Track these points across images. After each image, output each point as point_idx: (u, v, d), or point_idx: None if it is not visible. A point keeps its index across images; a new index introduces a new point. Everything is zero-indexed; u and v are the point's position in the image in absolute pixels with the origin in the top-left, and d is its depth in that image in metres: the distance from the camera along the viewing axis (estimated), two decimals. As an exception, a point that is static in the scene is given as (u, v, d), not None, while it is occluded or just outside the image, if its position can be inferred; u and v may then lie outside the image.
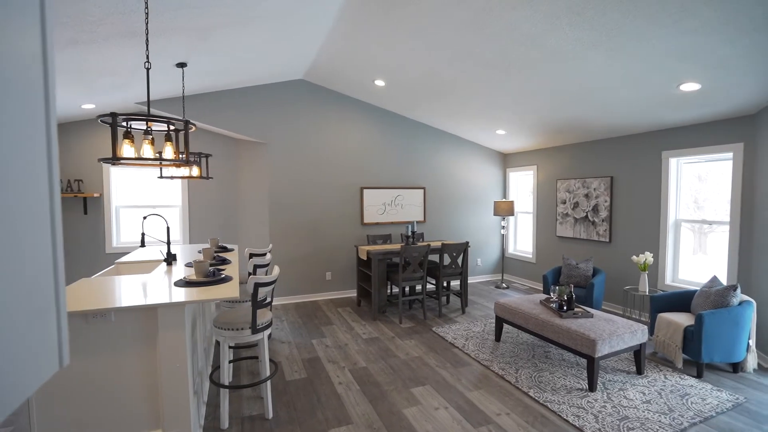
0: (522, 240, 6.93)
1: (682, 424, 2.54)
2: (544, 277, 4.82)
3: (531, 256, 6.51)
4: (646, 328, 3.22)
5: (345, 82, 5.21)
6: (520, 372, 3.29)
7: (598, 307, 4.48)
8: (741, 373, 3.28)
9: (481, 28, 3.07)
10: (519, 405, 2.82)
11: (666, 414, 2.65)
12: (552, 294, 3.70)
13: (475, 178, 6.79)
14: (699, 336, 3.16)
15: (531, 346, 3.84)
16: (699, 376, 3.20)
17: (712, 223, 4.17)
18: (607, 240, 5.10)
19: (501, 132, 5.83)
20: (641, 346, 3.20)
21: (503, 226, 6.58)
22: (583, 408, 2.73)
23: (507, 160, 7.03)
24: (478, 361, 3.54)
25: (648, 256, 4.22)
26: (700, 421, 2.58)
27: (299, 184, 5.52)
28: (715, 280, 3.56)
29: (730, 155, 3.88)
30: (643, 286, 4.26)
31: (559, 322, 3.24)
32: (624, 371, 3.30)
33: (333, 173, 5.72)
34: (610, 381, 3.13)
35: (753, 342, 3.33)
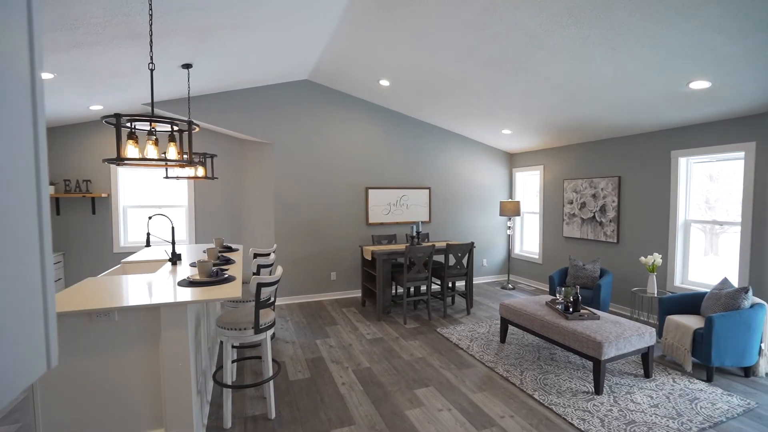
0: (528, 240, 6.87)
1: (690, 429, 2.49)
2: (551, 278, 4.77)
3: (537, 256, 6.45)
4: (654, 330, 3.16)
5: (349, 83, 5.21)
6: (525, 374, 3.25)
7: (605, 309, 4.42)
8: (753, 378, 3.21)
9: (484, 28, 3.05)
10: (523, 407, 2.78)
11: (674, 419, 2.60)
12: (558, 295, 3.66)
13: (481, 178, 6.74)
14: (709, 339, 3.09)
15: (536, 348, 3.80)
16: (709, 380, 3.14)
17: (723, 223, 4.09)
18: (614, 241, 5.03)
19: (507, 132, 5.78)
20: (649, 348, 3.15)
21: (509, 227, 6.52)
22: (589, 411, 2.69)
23: (513, 160, 6.98)
24: (483, 363, 3.51)
25: (657, 258, 4.15)
26: (710, 427, 2.52)
27: (304, 184, 5.53)
28: (725, 281, 3.49)
29: (742, 154, 3.80)
30: (652, 288, 4.19)
31: (564, 324, 3.20)
32: (631, 374, 3.25)
33: (338, 173, 5.72)
34: (617, 384, 3.08)
35: (765, 346, 3.25)
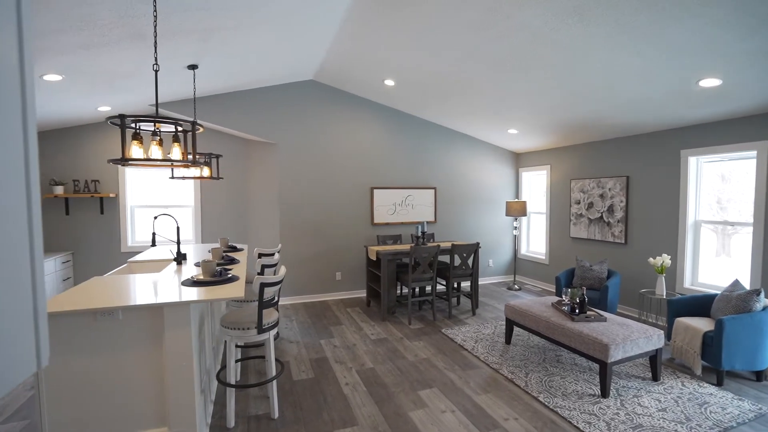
0: (535, 241, 6.81)
1: (699, 433, 2.44)
2: (557, 279, 4.72)
3: (544, 257, 6.39)
4: (663, 333, 3.11)
5: (354, 82, 5.21)
6: (530, 376, 3.22)
7: (613, 311, 4.36)
8: (765, 382, 3.14)
9: (489, 27, 3.02)
10: (528, 410, 2.75)
11: (683, 423, 2.55)
12: (564, 296, 3.61)
13: (487, 177, 6.70)
14: (719, 342, 3.03)
15: (542, 350, 3.76)
16: (719, 384, 3.08)
17: (735, 224, 4.01)
18: (622, 241, 4.96)
19: (513, 131, 5.73)
20: (657, 351, 3.10)
21: (515, 227, 6.47)
22: (595, 414, 2.65)
23: (519, 160, 6.92)
24: (487, 364, 3.48)
25: (665, 258, 4.08)
26: None
27: (309, 184, 5.54)
28: (737, 283, 3.42)
29: (754, 153, 3.72)
30: (660, 290, 4.12)
31: (570, 326, 3.16)
32: (639, 377, 3.20)
33: (343, 173, 5.73)
34: (623, 387, 3.03)
35: (777, 349, 3.18)
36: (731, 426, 2.52)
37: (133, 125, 2.27)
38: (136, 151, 2.26)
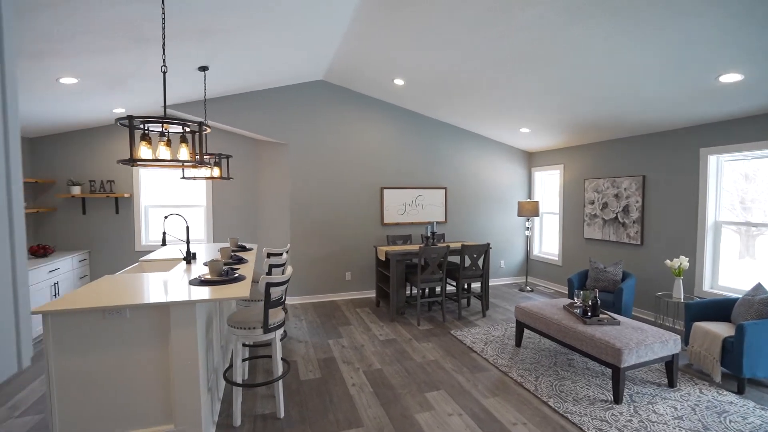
0: (547, 242, 6.69)
1: (717, 443, 2.34)
2: (569, 281, 4.62)
3: (557, 258, 6.27)
4: (680, 337, 3.00)
5: (364, 82, 5.20)
6: (540, 380, 3.15)
7: (628, 314, 4.24)
8: (788, 390, 3.01)
9: (497, 24, 2.96)
10: (537, 415, 2.69)
11: (700, 432, 2.46)
12: (576, 299, 3.53)
13: (499, 177, 6.61)
14: (740, 348, 2.91)
15: (553, 353, 3.68)
16: (740, 392, 2.95)
17: (758, 225, 3.85)
18: (638, 243, 4.82)
19: (525, 130, 5.64)
20: (673, 357, 2.99)
21: (528, 227, 6.36)
22: (607, 421, 2.57)
23: (532, 159, 6.80)
24: (497, 367, 3.42)
25: (683, 261, 3.94)
26: (739, 442, 2.37)
27: (319, 184, 5.55)
28: (759, 287, 3.28)
29: (778, 152, 3.56)
30: (678, 293, 3.99)
31: (582, 329, 3.08)
32: (654, 383, 3.10)
33: (353, 173, 5.72)
34: (638, 393, 2.94)
35: (803, 356, 3.04)
36: (752, 436, 2.42)
37: (141, 126, 2.30)
38: (144, 151, 2.29)
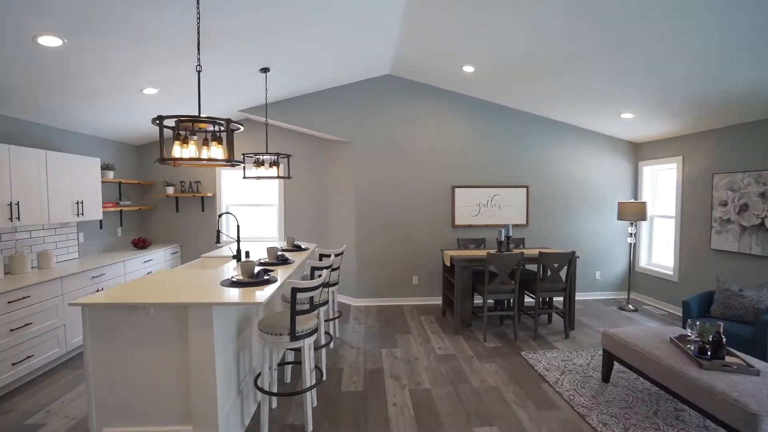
0: (658, 251, 5.47)
1: None
2: (685, 304, 3.62)
3: (671, 272, 5.07)
4: None
5: (431, 72, 4.82)
6: (630, 432, 2.45)
7: (776, 355, 3.14)
8: None
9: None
10: (619, 482, 2.06)
11: None
12: (689, 330, 2.69)
13: (595, 173, 5.62)
14: None
15: (654, 398, 2.87)
16: None
17: None
18: (796, 258, 3.57)
19: (628, 115, 4.65)
20: None
21: (631, 234, 5.28)
22: None
23: (639, 151, 5.64)
24: (572, 406, 2.78)
25: None
26: None
27: (385, 182, 5.34)
28: None
29: None
30: None
31: (696, 375, 2.29)
32: (815, 463, 2.16)
33: (421, 171, 5.39)
34: (784, 474, 2.07)
35: None
36: None
37: (174, 126, 2.32)
38: (178, 150, 2.30)
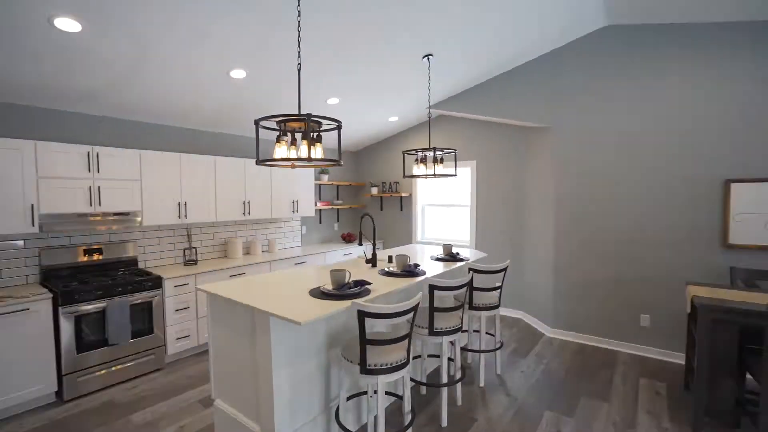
0: None
1: None
2: None
3: None
4: None
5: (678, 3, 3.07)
6: None
7: None
8: None
9: None
10: None
11: None
12: None
13: None
14: None
15: None
16: None
17: None
18: None
19: None
20: None
21: None
22: None
23: None
24: None
25: None
26: None
27: (600, 178, 3.87)
28: None
29: None
30: None
31: None
32: None
33: (661, 160, 3.58)
34: None
35: None
36: None
37: (280, 127, 2.34)
38: (278, 152, 2.32)
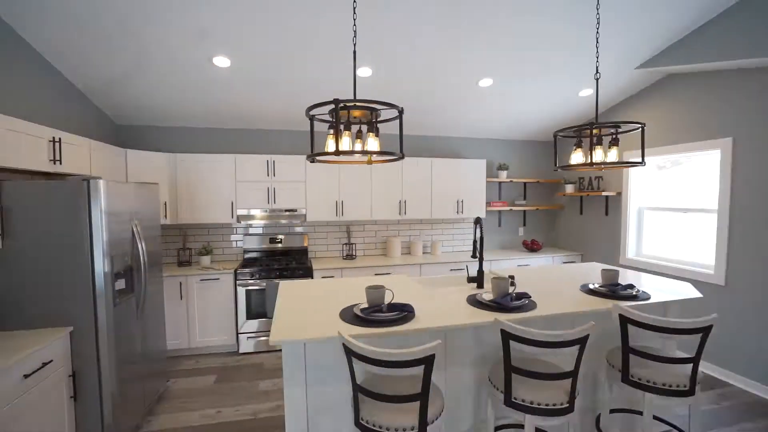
0: None
1: None
2: None
3: None
4: None
5: None
6: None
7: None
8: None
9: None
10: None
11: None
12: None
13: None
14: None
15: None
16: None
17: None
18: None
19: None
20: None
21: None
22: None
23: None
24: None
25: None
26: None
27: None
28: None
29: None
30: None
31: None
32: None
33: None
34: None
35: None
36: None
37: (331, 119, 2.08)
38: (331, 144, 2.08)
